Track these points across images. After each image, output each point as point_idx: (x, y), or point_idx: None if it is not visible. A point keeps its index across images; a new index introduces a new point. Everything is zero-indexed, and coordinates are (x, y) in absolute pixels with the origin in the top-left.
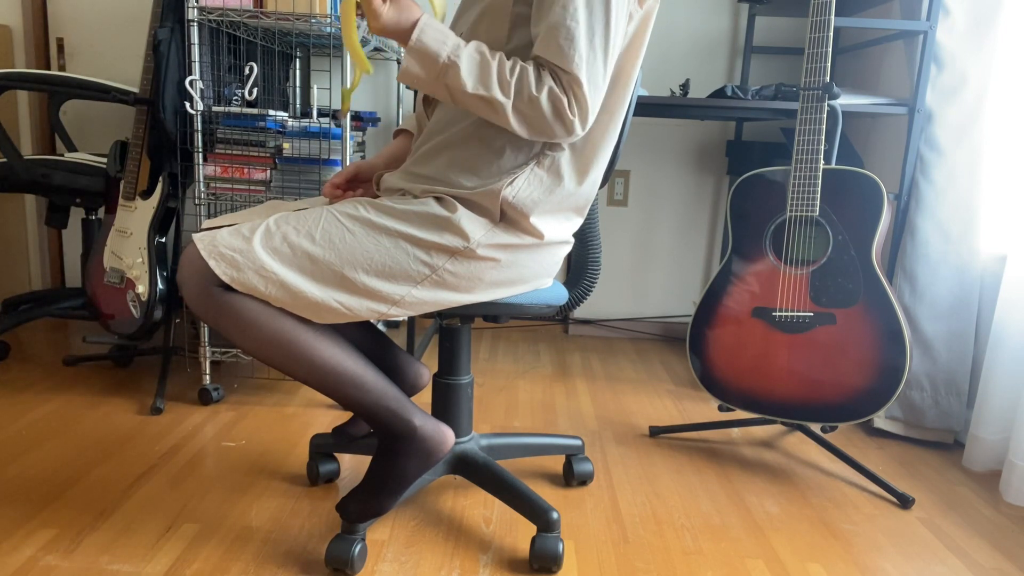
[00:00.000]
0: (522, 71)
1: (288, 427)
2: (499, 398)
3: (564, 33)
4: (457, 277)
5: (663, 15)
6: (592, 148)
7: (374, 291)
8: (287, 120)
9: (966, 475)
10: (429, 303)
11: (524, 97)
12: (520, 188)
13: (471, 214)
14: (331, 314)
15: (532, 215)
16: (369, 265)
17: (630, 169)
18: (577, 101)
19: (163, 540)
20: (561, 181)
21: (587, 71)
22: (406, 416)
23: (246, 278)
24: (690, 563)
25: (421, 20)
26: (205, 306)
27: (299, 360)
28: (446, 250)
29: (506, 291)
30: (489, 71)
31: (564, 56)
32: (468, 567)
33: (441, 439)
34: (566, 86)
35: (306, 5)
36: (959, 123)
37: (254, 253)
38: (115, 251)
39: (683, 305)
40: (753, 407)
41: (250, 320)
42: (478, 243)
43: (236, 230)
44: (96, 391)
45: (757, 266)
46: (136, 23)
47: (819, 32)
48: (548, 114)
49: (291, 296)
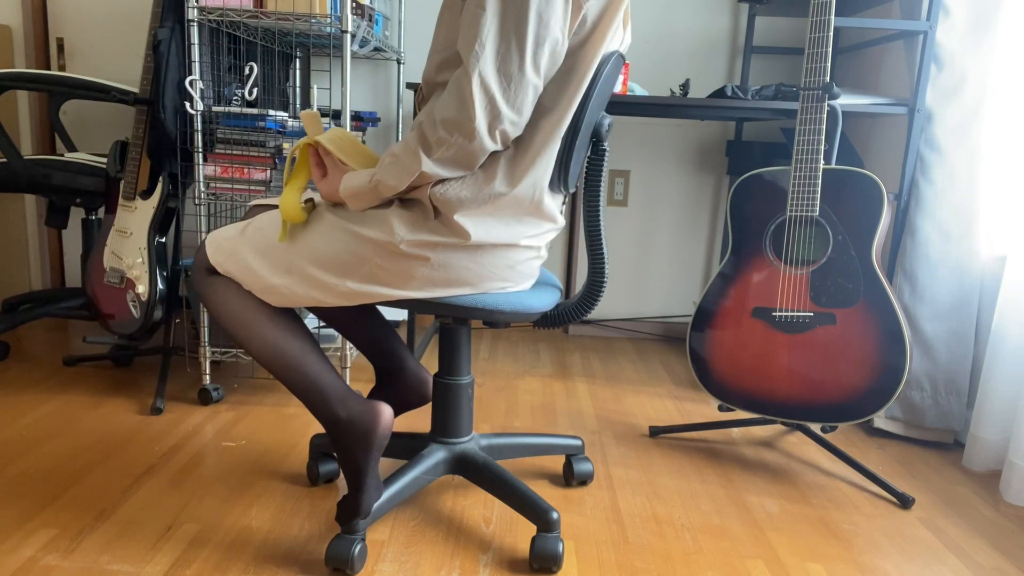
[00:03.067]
0: (416, 131)
1: (288, 427)
2: (499, 398)
3: (470, 21)
4: (387, 272)
5: (663, 15)
6: (535, 148)
7: (315, 279)
8: (287, 120)
9: (966, 475)
10: (363, 294)
11: (429, 146)
12: (449, 185)
13: (402, 211)
14: (281, 298)
15: (456, 213)
16: (314, 255)
17: (630, 169)
18: (469, 95)
19: (163, 540)
20: (492, 181)
21: (495, 62)
22: (328, 405)
23: (224, 260)
24: (690, 563)
25: (343, 176)
26: (197, 286)
27: (254, 337)
28: (374, 244)
29: (447, 291)
30: (399, 159)
31: (467, 47)
32: (468, 567)
33: (372, 416)
34: (461, 84)
35: (306, 5)
36: (959, 123)
37: (237, 240)
38: (115, 251)
39: (683, 305)
40: (753, 407)
41: (223, 299)
42: (401, 239)
43: (237, 225)
44: (96, 391)
45: (757, 266)
46: (136, 23)
47: (819, 32)
48: (453, 139)
49: (252, 278)
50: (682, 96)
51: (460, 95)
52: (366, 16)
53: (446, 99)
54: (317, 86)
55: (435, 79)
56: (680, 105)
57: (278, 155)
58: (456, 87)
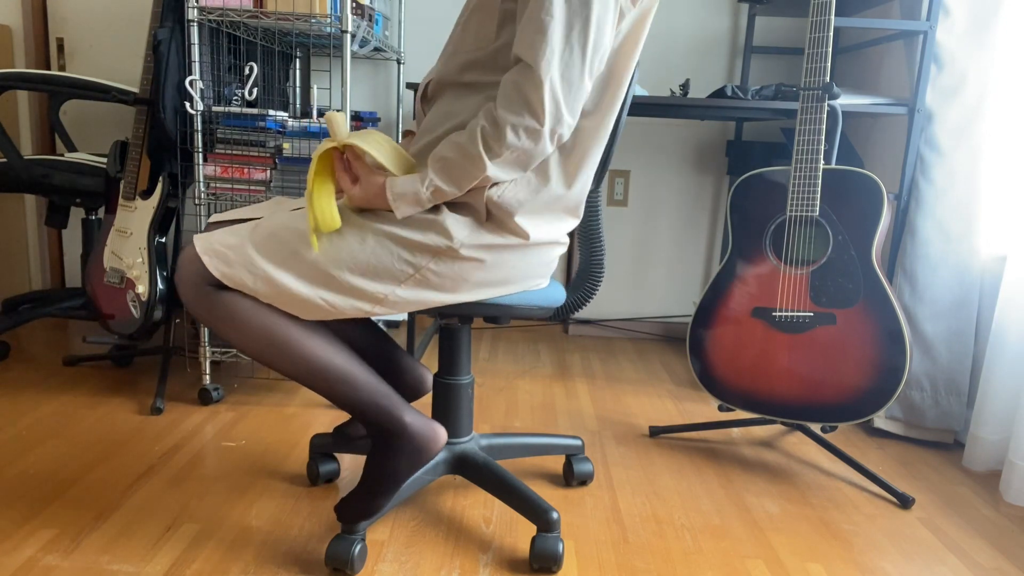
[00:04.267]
0: (477, 133)
1: (288, 427)
2: (499, 398)
3: (536, 27)
4: (441, 277)
5: (663, 15)
6: (581, 150)
7: (358, 289)
8: (287, 120)
9: (966, 475)
10: (413, 302)
11: (497, 151)
12: (506, 188)
13: (455, 215)
14: (316, 311)
15: (517, 215)
16: (354, 264)
17: (630, 169)
18: (540, 101)
19: (163, 540)
20: (548, 182)
21: (560, 67)
22: (396, 413)
23: (235, 273)
24: (690, 563)
25: (386, 181)
26: (199, 303)
27: (290, 356)
28: (429, 250)
29: (493, 291)
30: (457, 164)
31: (538, 51)
32: (468, 567)
33: (432, 436)
34: (527, 90)
35: (306, 5)
36: (959, 123)
37: (245, 250)
38: (115, 251)
39: (683, 305)
40: (753, 407)
41: (241, 317)
42: (461, 243)
43: (233, 229)
44: (96, 391)
45: (757, 266)
46: (136, 23)
47: (819, 32)
48: (524, 144)
49: (277, 292)
50: (682, 96)
51: (525, 99)
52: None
53: (509, 103)
54: (317, 86)
55: (458, 79)
56: (680, 105)
57: (278, 155)
58: (517, 91)
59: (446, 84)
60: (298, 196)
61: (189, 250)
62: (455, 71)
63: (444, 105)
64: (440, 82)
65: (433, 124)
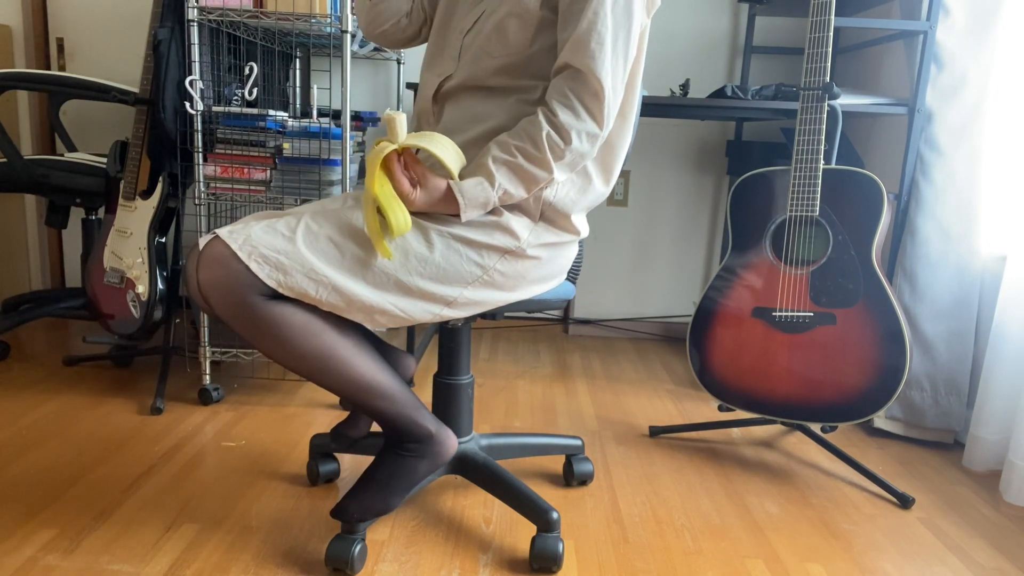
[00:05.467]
0: (543, 139)
1: (288, 427)
2: (499, 398)
3: (596, 39)
4: (505, 276)
5: (663, 15)
6: (613, 150)
7: (429, 293)
8: (287, 120)
9: (966, 475)
10: (480, 303)
11: (561, 155)
12: (559, 189)
13: (516, 216)
14: (385, 317)
15: (573, 214)
16: (424, 268)
17: (630, 169)
18: (599, 107)
19: (163, 540)
20: (591, 182)
21: (611, 75)
22: (424, 422)
23: (295, 282)
24: (690, 563)
25: (453, 186)
26: (242, 315)
27: (335, 374)
28: (498, 250)
29: (543, 287)
30: (524, 169)
31: (595, 60)
32: (468, 567)
33: (450, 443)
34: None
35: (306, 5)
36: (959, 123)
37: (300, 254)
38: (115, 251)
39: (683, 305)
40: (753, 407)
41: (291, 332)
42: (527, 242)
43: (271, 228)
44: (96, 391)
45: (757, 266)
46: (136, 23)
47: (819, 32)
48: (583, 148)
49: (345, 300)
50: (682, 96)
51: (586, 106)
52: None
53: (572, 110)
54: (317, 86)
55: (485, 82)
56: (680, 105)
57: (278, 155)
58: (577, 98)
59: (469, 87)
60: (297, 198)
61: (218, 250)
62: (483, 74)
63: (467, 107)
64: (462, 84)
65: (459, 125)
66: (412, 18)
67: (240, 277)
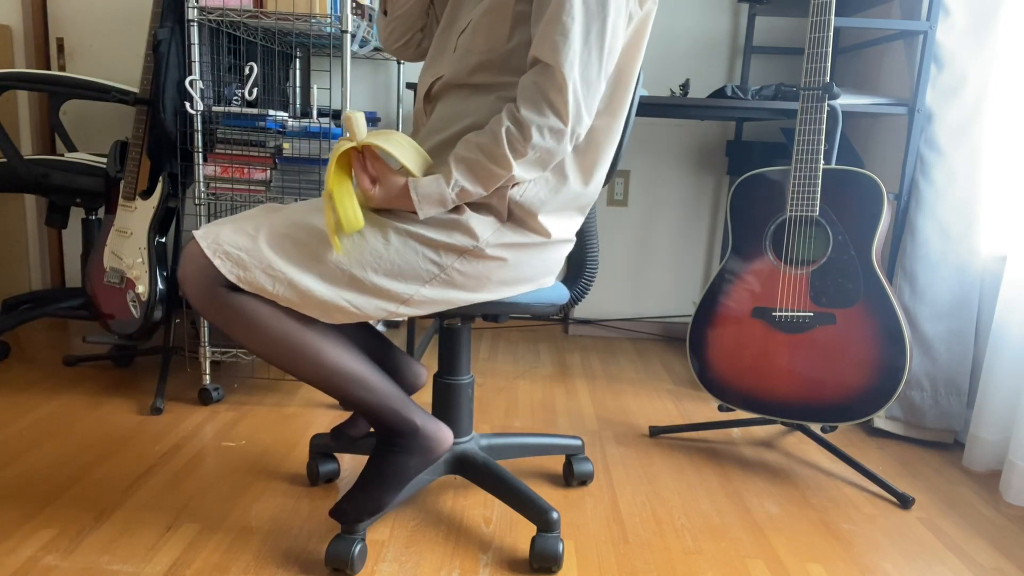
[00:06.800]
0: (502, 134)
1: (288, 427)
2: (499, 398)
3: (559, 30)
4: (465, 276)
5: (663, 15)
6: (595, 149)
7: (384, 290)
8: (287, 120)
9: (966, 475)
10: (438, 302)
11: (522, 151)
12: (527, 188)
13: (478, 215)
14: (340, 313)
15: (540, 214)
16: (379, 264)
17: (630, 169)
18: (563, 102)
19: (163, 540)
20: (566, 181)
21: (579, 69)
22: (408, 415)
23: (253, 277)
24: (690, 563)
25: (410, 183)
26: (209, 306)
27: (305, 361)
28: (455, 249)
29: (513, 290)
30: (483, 165)
31: (559, 53)
32: (468, 567)
33: (441, 438)
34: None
35: (306, 5)
36: (959, 123)
37: (261, 252)
38: (115, 251)
39: (683, 305)
40: (753, 407)
41: (257, 321)
42: (487, 243)
43: (240, 228)
44: (96, 391)
45: (757, 266)
46: (136, 23)
47: (819, 32)
48: (548, 145)
49: (299, 296)
50: (682, 96)
51: (549, 100)
52: (366, 16)
53: (534, 104)
54: (317, 86)
55: (467, 80)
56: (680, 105)
57: (278, 155)
58: (538, 92)
59: (453, 85)
60: (297, 198)
61: (193, 248)
62: (465, 72)
63: (451, 106)
64: (448, 82)
65: (442, 124)
66: (427, 32)
67: (207, 271)
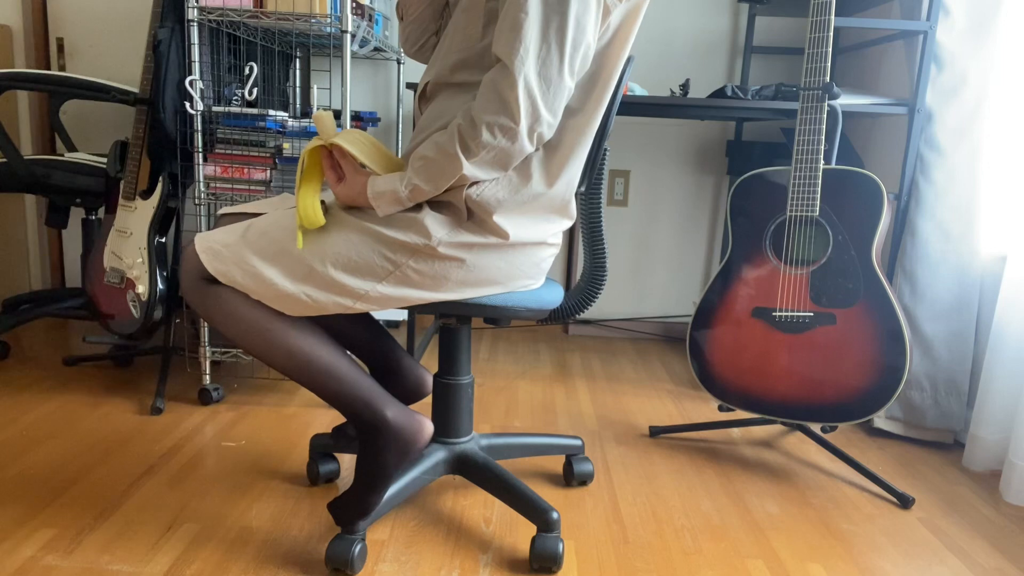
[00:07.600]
0: (455, 132)
1: (288, 427)
2: (499, 398)
3: (512, 25)
4: (421, 275)
5: (663, 15)
6: (566, 148)
7: (340, 285)
8: (287, 120)
9: (966, 475)
10: (395, 299)
11: (474, 149)
12: (485, 187)
13: (436, 213)
14: (300, 306)
15: (496, 214)
16: (337, 259)
17: (630, 169)
18: (515, 99)
19: (163, 540)
20: (529, 181)
21: (537, 65)
22: (379, 407)
23: (227, 269)
24: (690, 563)
25: (368, 180)
26: (194, 296)
27: (276, 348)
28: (408, 248)
29: (477, 291)
30: (435, 163)
31: (511, 48)
32: (468, 567)
33: (417, 429)
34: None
35: (306, 5)
36: (959, 123)
37: (238, 247)
38: (115, 251)
39: (683, 305)
40: (753, 407)
41: (231, 310)
42: (439, 241)
43: (232, 227)
44: (96, 391)
45: (757, 266)
46: (136, 23)
47: (819, 32)
48: (499, 143)
49: (264, 287)
50: (682, 96)
51: (501, 98)
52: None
53: (486, 102)
54: (317, 86)
55: (449, 79)
56: (680, 105)
57: (278, 155)
58: (493, 89)
59: (441, 84)
60: None
61: (191, 246)
62: (447, 71)
63: (437, 105)
64: (436, 82)
65: (427, 123)
66: (440, 35)
67: (195, 264)
